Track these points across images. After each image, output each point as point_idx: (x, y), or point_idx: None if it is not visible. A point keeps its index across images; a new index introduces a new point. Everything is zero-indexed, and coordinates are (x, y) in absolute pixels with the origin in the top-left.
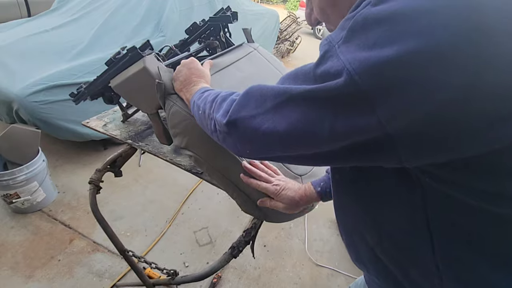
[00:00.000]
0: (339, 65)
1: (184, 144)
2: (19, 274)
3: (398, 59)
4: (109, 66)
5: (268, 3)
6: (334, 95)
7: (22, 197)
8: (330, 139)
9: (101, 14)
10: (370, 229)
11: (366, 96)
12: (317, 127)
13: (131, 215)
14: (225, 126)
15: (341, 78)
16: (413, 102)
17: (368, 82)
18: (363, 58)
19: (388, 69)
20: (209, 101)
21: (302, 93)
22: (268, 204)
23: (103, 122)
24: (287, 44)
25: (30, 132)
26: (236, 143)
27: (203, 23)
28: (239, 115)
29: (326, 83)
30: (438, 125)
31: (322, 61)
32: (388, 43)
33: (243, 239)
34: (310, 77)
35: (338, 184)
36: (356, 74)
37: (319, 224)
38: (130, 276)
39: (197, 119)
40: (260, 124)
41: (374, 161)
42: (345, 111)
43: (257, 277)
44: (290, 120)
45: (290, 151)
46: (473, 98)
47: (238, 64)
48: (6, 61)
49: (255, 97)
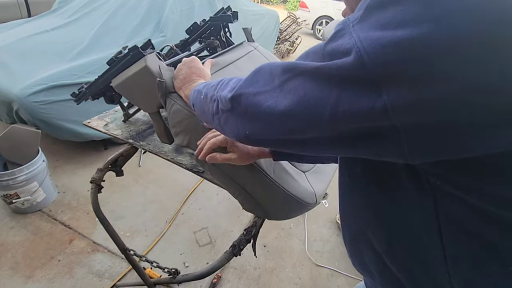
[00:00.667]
0: (350, 43)
1: (186, 142)
2: (19, 274)
3: (410, 41)
4: (111, 66)
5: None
6: (340, 73)
7: (22, 197)
8: (331, 120)
9: (101, 14)
10: (379, 234)
11: (373, 77)
12: (320, 106)
13: (131, 215)
14: (229, 101)
15: (349, 57)
16: (421, 91)
17: (376, 63)
18: (375, 37)
19: (398, 52)
20: (214, 85)
21: (308, 70)
22: (219, 158)
23: (104, 122)
24: (287, 44)
25: (30, 132)
26: (237, 122)
27: (204, 23)
28: (245, 90)
29: (333, 61)
30: (448, 120)
31: (334, 39)
32: (402, 23)
33: (244, 237)
34: (319, 55)
35: (347, 187)
36: (365, 53)
37: (319, 224)
38: (130, 276)
39: (198, 107)
40: (263, 101)
41: (376, 152)
42: (350, 91)
43: (257, 277)
44: (293, 97)
45: (289, 133)
46: (490, 96)
47: (238, 63)
48: (6, 61)
49: (264, 76)
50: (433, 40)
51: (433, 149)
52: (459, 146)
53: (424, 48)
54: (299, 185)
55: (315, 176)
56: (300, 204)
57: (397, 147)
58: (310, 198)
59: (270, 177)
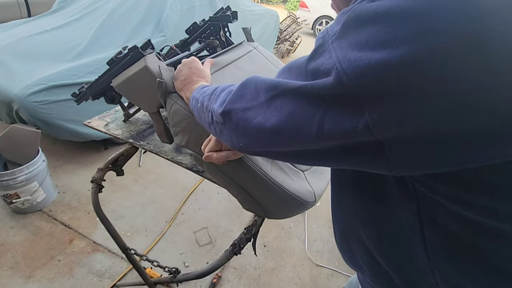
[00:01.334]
0: (330, 63)
1: (185, 142)
2: (19, 274)
3: (388, 64)
4: (111, 66)
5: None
6: (322, 93)
7: (22, 197)
8: (318, 137)
9: (101, 14)
10: (368, 231)
11: (354, 98)
12: (306, 124)
13: (132, 215)
14: (221, 116)
15: (330, 77)
16: (401, 112)
17: (356, 85)
18: (353, 58)
19: (376, 74)
20: (208, 94)
21: (293, 89)
22: (214, 157)
23: (104, 121)
24: (287, 44)
25: (30, 132)
26: (231, 135)
27: (203, 23)
28: (233, 106)
29: (316, 80)
30: (428, 138)
31: (315, 56)
32: (379, 45)
33: (244, 236)
34: (302, 72)
35: (338, 186)
36: (344, 75)
37: (319, 224)
38: (130, 276)
39: (196, 113)
40: (252, 117)
41: (363, 165)
42: (333, 111)
43: (257, 277)
44: (280, 115)
45: (280, 147)
46: (468, 110)
47: (238, 63)
48: (6, 61)
49: (250, 90)
50: (411, 61)
51: (417, 162)
52: (442, 160)
53: (402, 70)
54: (298, 184)
55: (314, 175)
56: (299, 203)
57: (382, 161)
58: (309, 197)
59: (268, 176)
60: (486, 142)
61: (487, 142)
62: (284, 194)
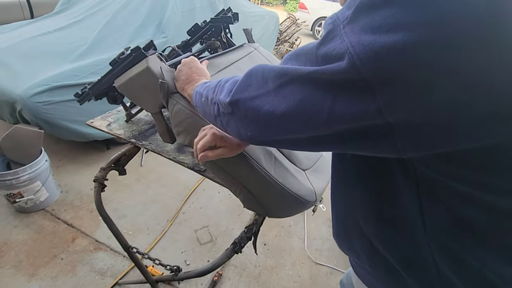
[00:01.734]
0: (342, 47)
1: (188, 141)
2: (22, 272)
3: (403, 47)
4: (113, 66)
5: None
6: (334, 78)
7: (25, 196)
8: (328, 122)
9: (103, 16)
10: (367, 216)
11: (366, 82)
12: (316, 110)
13: (134, 214)
14: (229, 106)
15: (342, 61)
16: (414, 95)
17: (369, 68)
18: (367, 42)
19: (390, 57)
20: (212, 87)
21: (303, 75)
22: (211, 155)
23: (107, 121)
24: (287, 45)
25: (33, 132)
26: (238, 125)
27: (205, 24)
28: (241, 96)
29: (327, 65)
30: (438, 119)
31: (325, 42)
32: (394, 28)
33: (245, 235)
34: (312, 58)
35: (338, 170)
36: (358, 59)
37: (319, 222)
38: (132, 274)
39: (200, 108)
40: (261, 105)
41: (371, 149)
42: (345, 95)
43: (257, 275)
44: (290, 102)
45: (289, 134)
46: (480, 97)
47: (238, 64)
48: (9, 62)
49: (257, 78)
50: (426, 44)
51: (425, 144)
52: (450, 141)
53: (417, 53)
54: (300, 183)
55: (315, 174)
56: (301, 202)
57: (391, 143)
58: (310, 196)
59: (271, 176)
60: (495, 122)
61: (495, 122)
62: (286, 193)
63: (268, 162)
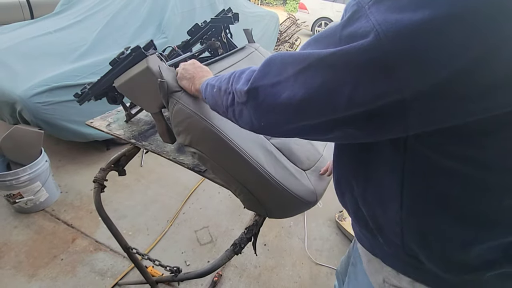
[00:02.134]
0: (368, 26)
1: (188, 141)
2: (22, 273)
3: (430, 23)
4: (113, 66)
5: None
6: (358, 57)
7: (25, 197)
8: (348, 105)
9: (103, 16)
10: (358, 182)
11: (391, 59)
12: (337, 93)
13: (133, 214)
14: (245, 94)
15: (367, 39)
16: (435, 68)
17: (395, 45)
18: (394, 20)
19: (417, 33)
20: (225, 78)
21: (324, 57)
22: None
23: (106, 122)
24: (287, 45)
25: (33, 132)
26: (252, 115)
27: (205, 25)
28: (260, 83)
29: (351, 44)
30: (452, 92)
31: (350, 22)
32: (422, 5)
33: (245, 236)
34: (335, 39)
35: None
36: (384, 35)
37: (319, 223)
38: (132, 275)
39: (210, 99)
40: (280, 92)
41: (380, 129)
42: (368, 75)
43: (258, 276)
44: (309, 86)
45: (304, 121)
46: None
47: (240, 64)
48: (9, 62)
49: (276, 65)
50: (450, 20)
51: (435, 118)
52: (463, 112)
53: (442, 29)
54: (301, 184)
55: (316, 174)
56: (301, 203)
57: (401, 122)
58: (311, 197)
59: (271, 175)
60: (509, 90)
61: (509, 90)
62: (286, 193)
63: (268, 162)
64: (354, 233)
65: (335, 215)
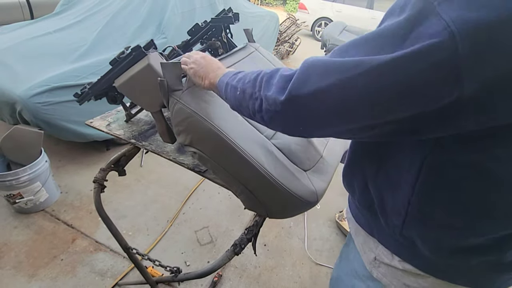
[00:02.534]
0: (440, 24)
1: (188, 141)
2: (22, 273)
3: (506, 20)
4: (113, 66)
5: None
6: (428, 57)
7: (25, 197)
8: (407, 107)
9: (103, 16)
10: (372, 164)
11: (460, 59)
12: (400, 95)
13: (133, 214)
14: (281, 104)
15: (439, 38)
16: (502, 65)
17: (468, 44)
18: (467, 17)
19: (494, 31)
20: (249, 81)
21: (384, 63)
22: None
23: (106, 122)
24: (287, 45)
25: (33, 133)
26: (287, 121)
27: (205, 24)
28: (299, 92)
29: (416, 45)
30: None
31: (418, 20)
32: (494, 4)
33: (245, 236)
34: (397, 39)
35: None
36: (458, 34)
37: (319, 223)
38: (132, 275)
39: (233, 101)
40: (322, 100)
41: (435, 129)
42: (437, 74)
43: (258, 276)
44: (363, 94)
45: (348, 125)
46: None
47: (240, 64)
48: (9, 62)
49: (316, 72)
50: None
51: (496, 116)
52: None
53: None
54: (301, 184)
55: (316, 175)
56: (302, 203)
57: (458, 119)
58: (311, 197)
59: (271, 175)
60: None
61: None
62: (287, 193)
63: (269, 162)
64: (352, 214)
65: (335, 215)
